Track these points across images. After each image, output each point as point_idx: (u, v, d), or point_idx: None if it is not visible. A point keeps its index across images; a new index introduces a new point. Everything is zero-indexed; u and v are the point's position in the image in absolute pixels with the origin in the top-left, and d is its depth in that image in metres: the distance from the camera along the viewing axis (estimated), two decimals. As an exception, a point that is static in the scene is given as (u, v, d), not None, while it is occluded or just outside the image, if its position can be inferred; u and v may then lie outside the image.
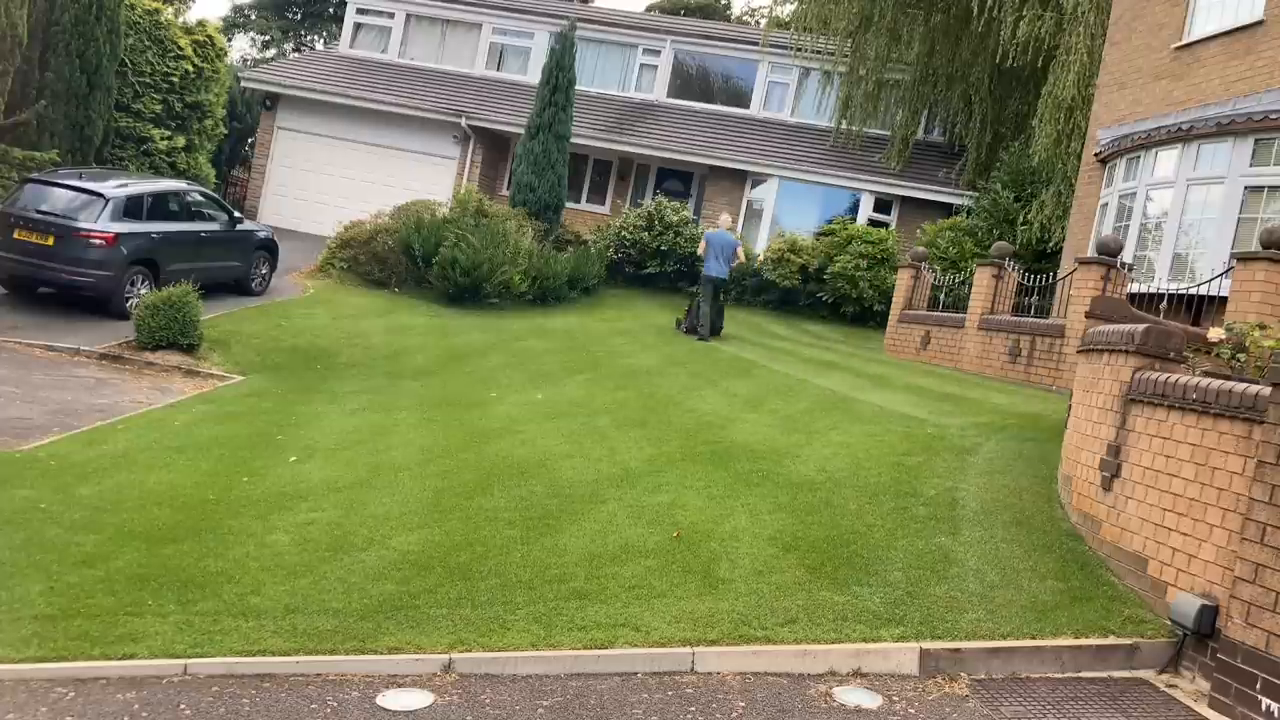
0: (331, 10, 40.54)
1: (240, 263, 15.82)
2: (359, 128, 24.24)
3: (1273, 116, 11.25)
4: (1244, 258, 10.00)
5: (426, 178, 23.58)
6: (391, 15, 26.59)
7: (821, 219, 21.49)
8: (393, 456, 8.32)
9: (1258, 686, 4.70)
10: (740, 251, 15.93)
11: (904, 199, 21.80)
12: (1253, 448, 5.04)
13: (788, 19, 25.04)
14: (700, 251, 15.91)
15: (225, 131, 22.57)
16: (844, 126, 22.48)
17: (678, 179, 24.40)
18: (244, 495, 7.30)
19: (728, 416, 9.60)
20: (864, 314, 19.28)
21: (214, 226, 15.20)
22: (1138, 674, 5.33)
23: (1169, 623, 5.44)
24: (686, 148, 23.00)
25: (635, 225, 20.57)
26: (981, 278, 13.82)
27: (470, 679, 4.84)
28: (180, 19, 21.09)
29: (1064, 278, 13.04)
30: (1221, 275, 10.79)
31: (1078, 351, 7.84)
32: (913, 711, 4.75)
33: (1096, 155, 14.50)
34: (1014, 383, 12.05)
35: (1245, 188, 11.73)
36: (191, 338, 12.21)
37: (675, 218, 20.54)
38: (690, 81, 25.56)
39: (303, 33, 43.52)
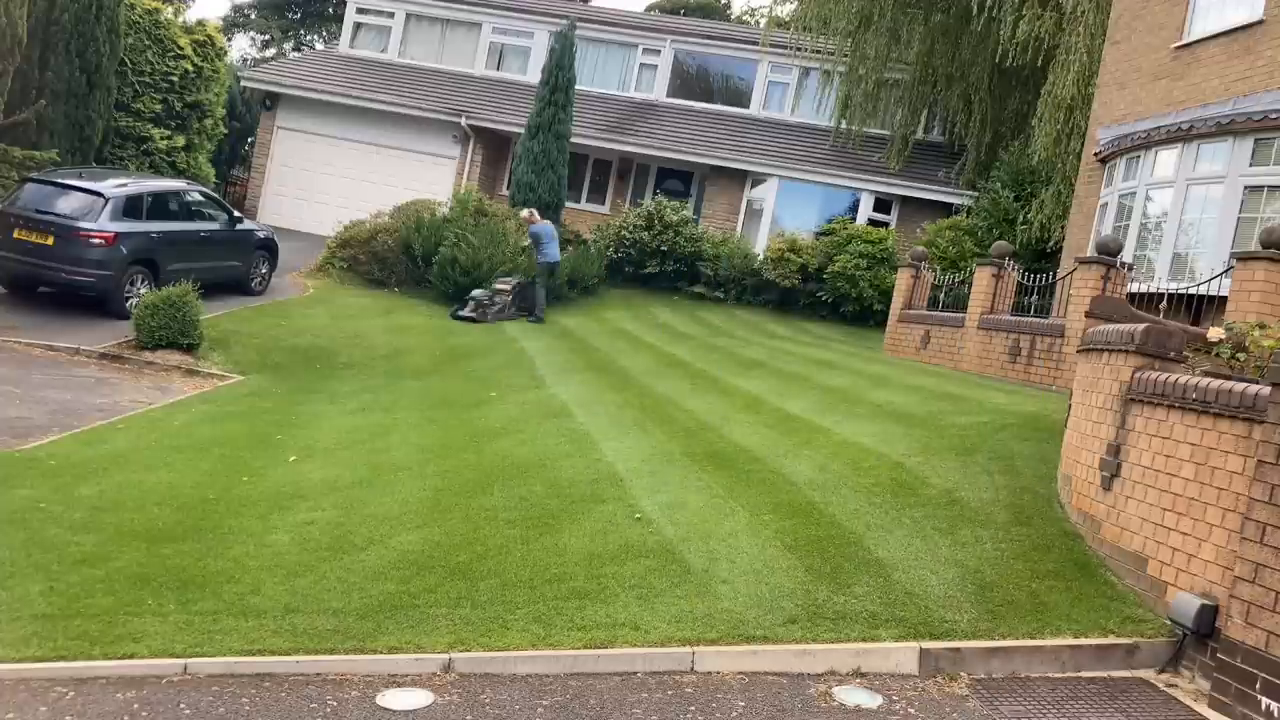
0: (331, 10, 40.57)
1: (240, 262, 15.82)
2: (359, 127, 24.24)
3: (1272, 116, 11.25)
4: (1244, 257, 10.00)
5: (426, 177, 23.58)
6: (391, 15, 26.59)
7: (821, 219, 21.50)
8: (392, 456, 8.32)
9: (1257, 686, 4.70)
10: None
11: (904, 199, 21.81)
12: (1252, 447, 5.04)
13: (788, 19, 25.09)
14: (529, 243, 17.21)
15: (225, 131, 22.58)
16: (844, 126, 22.48)
17: (678, 179, 24.40)
18: (244, 495, 7.30)
19: (727, 416, 9.59)
20: (864, 313, 19.29)
21: (214, 226, 15.20)
22: (1137, 673, 5.33)
23: (1169, 622, 5.44)
24: (686, 147, 23.00)
25: (635, 225, 20.57)
26: (981, 277, 13.82)
27: (470, 678, 4.84)
28: (180, 18, 21.08)
29: (1064, 277, 13.04)
30: (1221, 275, 10.78)
31: (1077, 351, 7.84)
32: (913, 711, 4.75)
33: (1096, 155, 14.50)
34: (1014, 382, 12.05)
35: (1245, 187, 11.73)
36: (191, 337, 12.20)
37: (675, 217, 20.54)
38: (690, 81, 25.56)
39: (302, 32, 43.54)
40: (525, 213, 17.85)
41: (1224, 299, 10.31)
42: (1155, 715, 4.87)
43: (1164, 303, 11.14)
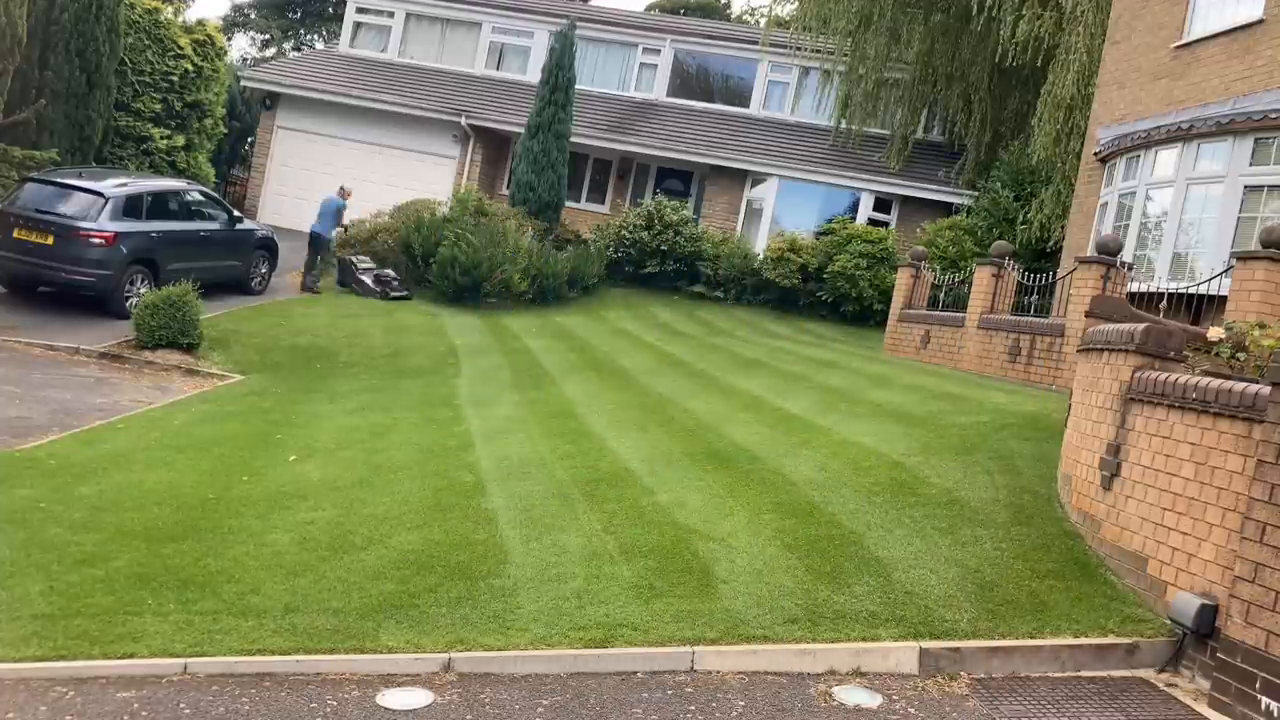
0: (331, 9, 40.58)
1: (240, 262, 15.83)
2: (359, 127, 24.24)
3: (1272, 116, 11.25)
4: (1244, 257, 10.00)
5: (426, 177, 23.59)
6: (391, 14, 26.59)
7: (821, 218, 21.51)
8: (392, 456, 8.32)
9: (1257, 686, 4.70)
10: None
11: (904, 198, 21.81)
12: (1252, 447, 5.04)
13: (788, 18, 25.07)
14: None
15: (225, 131, 22.58)
16: (844, 126, 22.49)
17: (677, 178, 24.40)
18: (244, 494, 7.30)
19: (727, 416, 9.59)
20: (863, 313, 19.29)
21: (214, 226, 15.20)
22: (1137, 673, 5.33)
23: (1168, 622, 5.44)
24: (686, 147, 23.00)
25: (635, 224, 20.58)
26: (981, 277, 13.82)
27: (470, 678, 4.84)
28: (180, 18, 21.07)
29: (1064, 277, 13.04)
30: (1221, 274, 10.78)
31: (1077, 351, 7.84)
32: (912, 711, 4.75)
33: (1096, 154, 14.50)
34: (1014, 382, 12.04)
35: (1245, 187, 11.72)
36: (191, 337, 12.21)
37: (675, 217, 20.55)
38: (690, 81, 25.56)
39: (302, 32, 43.54)
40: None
41: (1224, 299, 10.30)
42: (1155, 715, 4.87)
43: (1164, 302, 11.14)
